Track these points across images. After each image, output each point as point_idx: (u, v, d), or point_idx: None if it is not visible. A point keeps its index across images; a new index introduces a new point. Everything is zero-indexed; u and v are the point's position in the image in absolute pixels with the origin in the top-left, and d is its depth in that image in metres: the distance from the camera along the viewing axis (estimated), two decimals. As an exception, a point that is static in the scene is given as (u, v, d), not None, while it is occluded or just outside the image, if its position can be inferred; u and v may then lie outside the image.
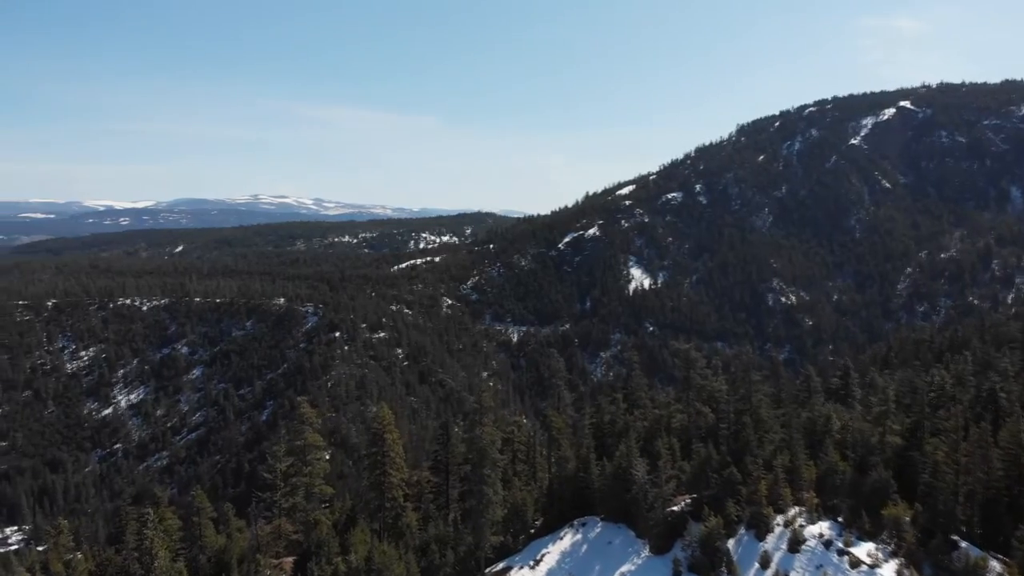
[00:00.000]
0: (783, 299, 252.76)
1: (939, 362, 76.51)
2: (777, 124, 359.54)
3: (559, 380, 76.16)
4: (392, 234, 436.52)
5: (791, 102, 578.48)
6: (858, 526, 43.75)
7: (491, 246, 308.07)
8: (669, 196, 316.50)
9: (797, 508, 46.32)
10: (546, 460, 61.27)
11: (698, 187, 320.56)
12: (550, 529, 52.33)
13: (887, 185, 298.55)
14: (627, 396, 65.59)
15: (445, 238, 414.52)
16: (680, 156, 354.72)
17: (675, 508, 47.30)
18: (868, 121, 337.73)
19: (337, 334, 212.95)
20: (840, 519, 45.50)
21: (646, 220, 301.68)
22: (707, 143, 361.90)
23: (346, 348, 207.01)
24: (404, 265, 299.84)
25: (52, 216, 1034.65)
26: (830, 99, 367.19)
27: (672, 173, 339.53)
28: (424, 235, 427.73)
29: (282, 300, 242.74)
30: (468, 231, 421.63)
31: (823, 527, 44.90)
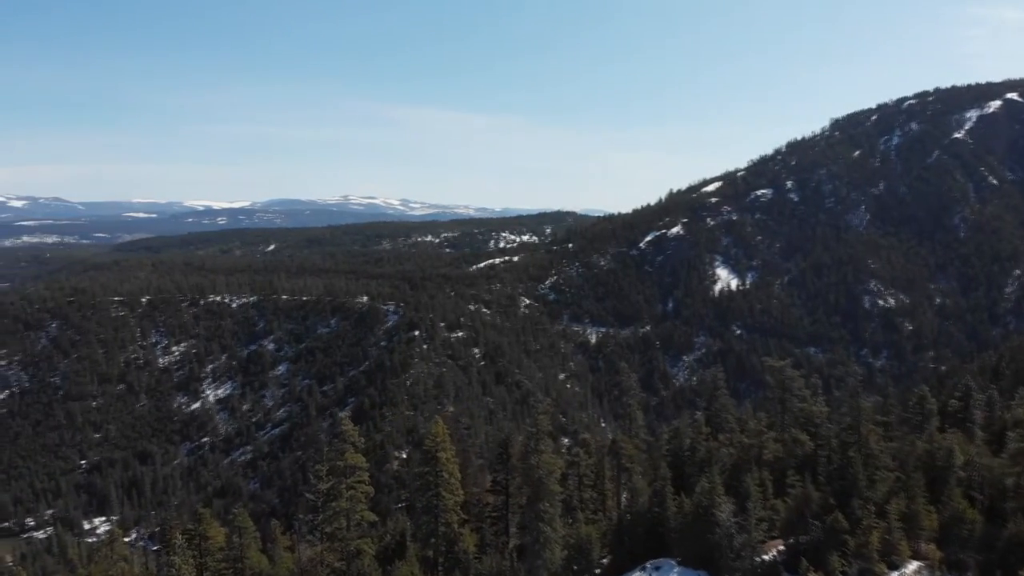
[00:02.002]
0: (881, 302, 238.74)
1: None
2: (874, 118, 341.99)
3: (632, 399, 67.63)
4: (473, 233, 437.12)
5: (888, 95, 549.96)
6: (991, 589, 36.76)
7: (570, 245, 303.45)
8: (758, 193, 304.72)
9: (915, 564, 39.48)
10: (615, 491, 55.39)
11: (789, 183, 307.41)
12: (619, 571, 47.01)
13: (994, 182, 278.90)
14: (710, 418, 58.87)
15: (525, 237, 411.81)
16: (770, 151, 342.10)
17: (766, 557, 41.20)
18: (972, 114, 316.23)
19: (416, 333, 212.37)
20: (968, 579, 38.46)
21: (734, 218, 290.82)
22: (799, 138, 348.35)
23: (425, 347, 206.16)
24: (483, 264, 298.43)
25: (154, 215, 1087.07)
26: (931, 91, 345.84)
27: (761, 169, 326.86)
28: (504, 234, 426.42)
29: (365, 298, 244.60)
30: (548, 230, 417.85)
31: (947, 589, 38.05)
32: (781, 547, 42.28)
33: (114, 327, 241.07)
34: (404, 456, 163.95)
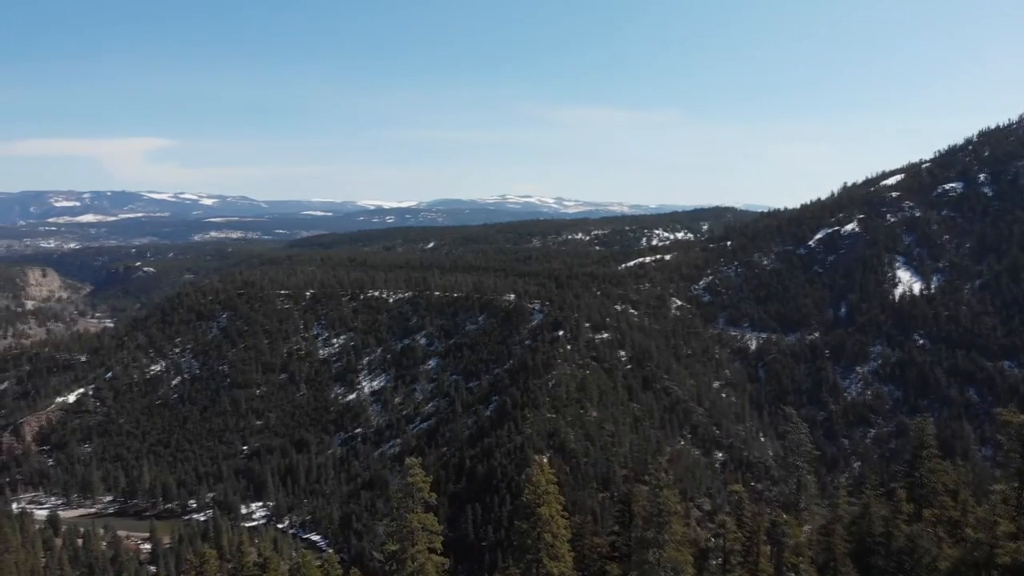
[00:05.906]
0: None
1: None
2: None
3: (801, 459, 46.26)
4: (624, 231, 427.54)
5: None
6: None
7: (728, 243, 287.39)
8: (946, 187, 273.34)
9: None
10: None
11: (982, 176, 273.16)
12: None
13: None
14: (912, 488, 44.58)
15: (679, 235, 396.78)
16: (960, 141, 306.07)
17: None
18: None
19: (560, 332, 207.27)
20: None
21: (917, 214, 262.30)
22: (992, 126, 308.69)
23: (568, 347, 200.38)
24: (632, 263, 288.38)
25: (329, 214, 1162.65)
26: None
27: (949, 161, 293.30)
28: (657, 232, 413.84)
29: (512, 296, 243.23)
30: (704, 227, 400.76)
31: None
32: None
33: (279, 319, 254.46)
34: (546, 460, 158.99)
